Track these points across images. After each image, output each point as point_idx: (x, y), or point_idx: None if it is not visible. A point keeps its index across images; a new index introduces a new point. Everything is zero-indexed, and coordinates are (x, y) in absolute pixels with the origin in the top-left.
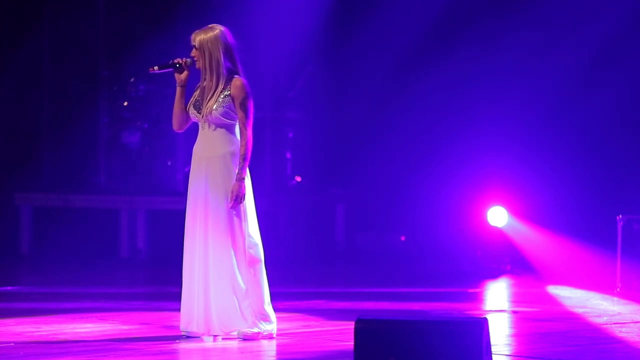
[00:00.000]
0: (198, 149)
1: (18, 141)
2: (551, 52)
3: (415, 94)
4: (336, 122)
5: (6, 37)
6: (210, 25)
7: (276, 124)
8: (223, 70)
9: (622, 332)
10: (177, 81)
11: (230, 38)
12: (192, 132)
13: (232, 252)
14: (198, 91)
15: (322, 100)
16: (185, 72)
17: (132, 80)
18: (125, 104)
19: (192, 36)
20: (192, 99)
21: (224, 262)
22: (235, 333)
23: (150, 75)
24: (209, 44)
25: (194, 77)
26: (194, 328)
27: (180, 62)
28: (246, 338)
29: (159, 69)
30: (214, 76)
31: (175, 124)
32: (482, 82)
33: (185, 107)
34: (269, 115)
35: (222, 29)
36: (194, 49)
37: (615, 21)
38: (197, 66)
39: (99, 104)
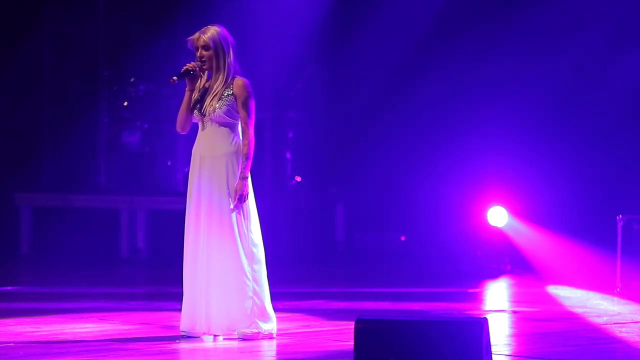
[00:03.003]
0: (199, 149)
1: (18, 141)
2: (551, 52)
3: (415, 94)
4: (336, 122)
5: (6, 37)
6: (211, 26)
7: (276, 124)
8: (232, 70)
9: (622, 332)
10: (189, 85)
11: (232, 38)
12: (193, 132)
13: (235, 251)
14: (197, 91)
15: (322, 100)
16: (199, 77)
17: (132, 80)
18: (125, 104)
19: (197, 37)
20: (192, 100)
21: (226, 261)
22: (235, 333)
23: (150, 75)
24: (222, 44)
25: None
26: (194, 328)
27: (195, 68)
28: (246, 338)
29: (178, 78)
30: (224, 75)
31: (180, 125)
32: (482, 82)
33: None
34: (269, 115)
35: (223, 28)
36: (201, 50)
37: (615, 22)
38: (204, 67)
39: (99, 104)
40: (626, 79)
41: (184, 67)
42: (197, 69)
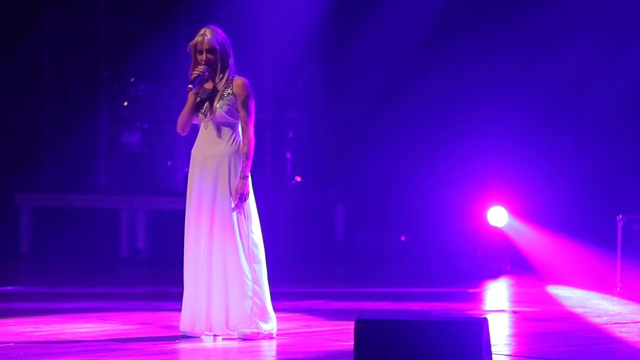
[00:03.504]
0: (201, 149)
1: (18, 141)
2: (551, 52)
3: (415, 94)
4: (336, 122)
5: (6, 37)
6: (207, 28)
7: (276, 124)
8: (232, 69)
9: (622, 332)
10: (196, 89)
11: (227, 36)
12: (193, 132)
13: (235, 251)
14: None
15: (322, 100)
16: (206, 80)
17: (132, 80)
18: (125, 104)
19: (200, 40)
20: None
21: (227, 261)
22: (235, 333)
23: (150, 75)
24: (225, 45)
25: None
26: (194, 328)
27: (204, 72)
28: (246, 338)
29: (193, 86)
30: (226, 76)
31: (181, 126)
32: (482, 82)
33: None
34: (269, 115)
35: (219, 28)
36: (206, 54)
37: (615, 22)
38: (211, 70)
39: (99, 104)
40: (626, 78)
41: (195, 73)
42: (207, 72)
